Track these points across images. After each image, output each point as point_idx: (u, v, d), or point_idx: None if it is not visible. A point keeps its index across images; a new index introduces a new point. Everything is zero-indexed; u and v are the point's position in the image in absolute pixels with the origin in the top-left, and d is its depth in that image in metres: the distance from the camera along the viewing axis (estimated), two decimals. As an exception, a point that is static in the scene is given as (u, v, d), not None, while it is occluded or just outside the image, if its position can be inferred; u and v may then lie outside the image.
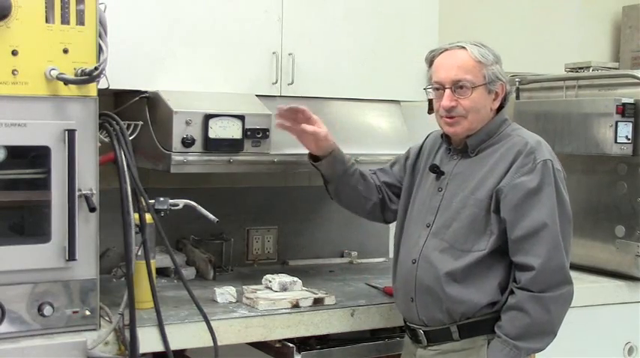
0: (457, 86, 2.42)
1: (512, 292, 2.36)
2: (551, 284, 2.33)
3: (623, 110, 3.10)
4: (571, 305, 3.04)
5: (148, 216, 2.47)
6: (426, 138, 2.73)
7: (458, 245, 2.42)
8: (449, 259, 2.42)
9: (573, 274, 3.26)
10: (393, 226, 3.71)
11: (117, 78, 2.41)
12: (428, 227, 2.49)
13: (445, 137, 2.57)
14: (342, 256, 3.64)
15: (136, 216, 2.43)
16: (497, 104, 2.48)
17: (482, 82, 2.43)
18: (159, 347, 2.42)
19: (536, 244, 2.33)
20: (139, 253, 2.49)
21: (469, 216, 2.41)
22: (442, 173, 2.52)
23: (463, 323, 2.41)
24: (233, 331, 2.54)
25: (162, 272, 3.01)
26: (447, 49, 2.49)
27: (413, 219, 2.59)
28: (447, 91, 2.43)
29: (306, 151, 2.81)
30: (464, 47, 2.45)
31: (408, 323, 2.57)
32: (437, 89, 2.48)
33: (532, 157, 2.37)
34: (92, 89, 2.30)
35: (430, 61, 2.52)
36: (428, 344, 2.48)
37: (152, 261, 2.54)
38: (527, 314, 2.32)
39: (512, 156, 2.40)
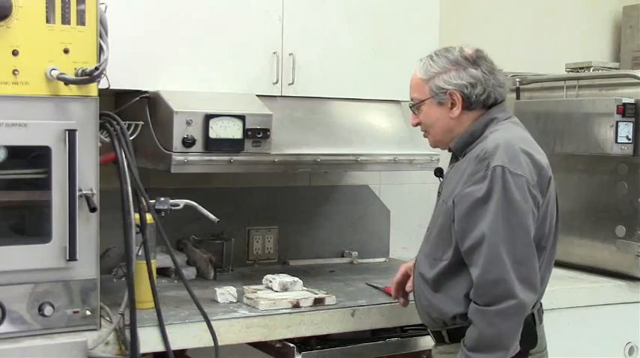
0: (412, 106, 2.49)
1: None
2: (492, 297, 2.24)
3: (624, 110, 3.10)
4: (572, 306, 3.07)
5: (148, 216, 2.47)
6: None
7: (432, 253, 2.43)
8: (427, 266, 2.43)
9: (573, 274, 3.32)
10: (393, 226, 3.75)
11: (117, 78, 2.40)
12: (427, 232, 2.53)
13: None
14: (343, 256, 3.64)
15: (137, 216, 2.43)
16: (457, 111, 2.39)
17: (427, 97, 2.42)
18: (159, 347, 2.42)
19: (478, 256, 2.25)
20: (140, 253, 2.49)
21: (440, 224, 2.40)
22: (442, 177, 2.56)
23: (450, 328, 2.41)
24: (234, 331, 2.54)
25: (162, 272, 3.01)
26: None
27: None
28: (410, 111, 2.51)
29: (307, 151, 2.82)
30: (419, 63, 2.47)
31: None
32: None
33: (485, 164, 2.28)
34: (93, 89, 2.30)
35: None
36: (436, 344, 2.51)
37: (153, 261, 2.53)
38: (475, 326, 2.28)
39: (471, 163, 2.34)
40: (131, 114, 2.75)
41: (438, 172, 2.57)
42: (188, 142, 2.69)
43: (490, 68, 2.41)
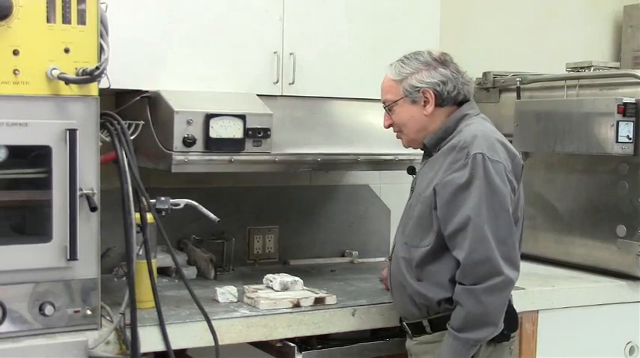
0: (385, 107, 2.63)
1: None
2: (479, 276, 2.36)
3: (624, 110, 3.09)
4: (572, 305, 3.07)
5: (149, 216, 2.47)
6: None
7: (410, 241, 2.53)
8: (407, 255, 2.53)
9: (574, 273, 3.32)
10: (394, 226, 3.74)
11: (118, 77, 2.40)
12: (401, 226, 2.63)
13: None
14: (343, 256, 3.64)
15: (137, 215, 2.43)
16: (431, 108, 2.53)
17: (400, 97, 2.56)
18: (160, 347, 2.42)
19: (462, 238, 2.37)
20: (140, 253, 2.49)
21: (418, 213, 2.51)
22: (415, 173, 2.68)
23: (433, 317, 2.49)
24: (234, 331, 2.54)
25: (163, 271, 3.01)
26: None
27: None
28: (384, 112, 2.64)
29: (308, 151, 2.84)
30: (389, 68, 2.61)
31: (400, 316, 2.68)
32: None
33: (465, 152, 2.41)
34: (93, 89, 2.30)
35: None
36: (412, 335, 2.58)
37: (153, 261, 2.53)
38: (462, 306, 2.38)
39: (450, 153, 2.46)
40: (131, 113, 2.75)
41: (411, 170, 2.73)
42: (189, 142, 2.69)
43: (457, 69, 2.58)
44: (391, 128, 2.65)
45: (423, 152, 2.68)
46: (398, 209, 3.72)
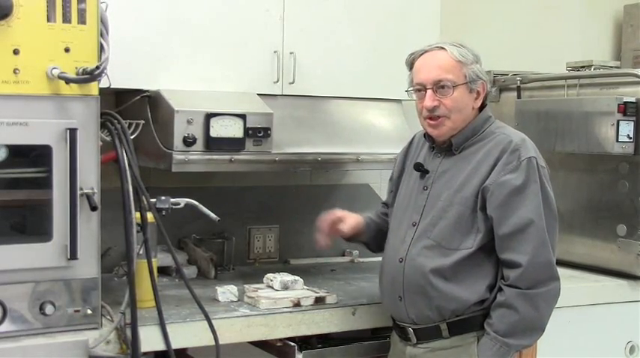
0: (439, 86, 2.44)
1: (500, 289, 2.39)
2: (538, 280, 2.35)
3: (625, 109, 3.09)
4: (573, 305, 3.07)
5: (149, 215, 2.47)
6: (412, 139, 2.76)
7: (445, 243, 2.43)
8: (436, 257, 2.43)
9: (575, 273, 3.32)
10: (394, 225, 3.73)
11: (118, 77, 2.41)
12: (414, 226, 2.51)
13: (428, 136, 2.58)
14: (344, 255, 3.63)
15: (138, 215, 2.43)
16: (479, 103, 2.49)
17: (463, 81, 2.44)
18: (160, 346, 2.42)
19: (523, 241, 2.34)
20: (141, 252, 2.49)
21: (455, 215, 2.43)
22: (427, 171, 2.54)
23: (452, 320, 2.43)
24: (234, 330, 2.54)
25: (163, 271, 3.00)
26: (426, 51, 2.51)
27: (398, 219, 2.61)
28: (429, 91, 2.45)
29: (308, 150, 2.83)
30: (443, 48, 2.47)
31: (396, 321, 2.58)
32: (419, 90, 2.49)
33: (517, 155, 2.39)
34: (94, 88, 2.30)
35: (410, 64, 2.55)
36: (417, 342, 2.50)
37: (153, 260, 2.53)
38: (516, 311, 2.34)
39: (496, 154, 2.41)
40: (132, 113, 2.75)
41: (420, 167, 2.56)
42: (189, 141, 2.69)
43: None
44: (424, 112, 2.47)
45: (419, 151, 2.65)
46: (398, 208, 3.74)
